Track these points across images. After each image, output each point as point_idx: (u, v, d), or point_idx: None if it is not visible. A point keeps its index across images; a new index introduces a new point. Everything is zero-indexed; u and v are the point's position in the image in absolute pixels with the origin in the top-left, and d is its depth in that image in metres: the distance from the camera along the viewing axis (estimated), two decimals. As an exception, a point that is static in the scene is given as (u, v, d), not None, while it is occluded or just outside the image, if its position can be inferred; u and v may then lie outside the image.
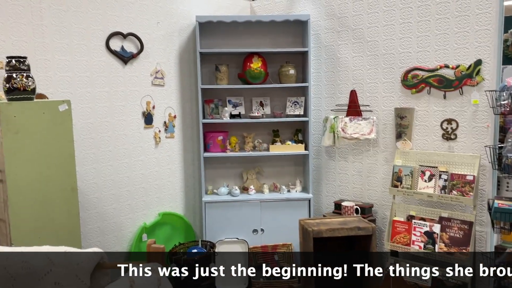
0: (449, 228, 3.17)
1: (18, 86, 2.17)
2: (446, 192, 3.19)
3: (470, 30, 3.14)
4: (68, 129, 2.29)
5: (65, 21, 3.16)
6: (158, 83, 3.75)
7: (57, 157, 2.26)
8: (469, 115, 3.21)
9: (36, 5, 2.99)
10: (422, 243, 3.24)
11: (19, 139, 2.09)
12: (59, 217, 2.27)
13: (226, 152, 4.00)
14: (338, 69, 3.88)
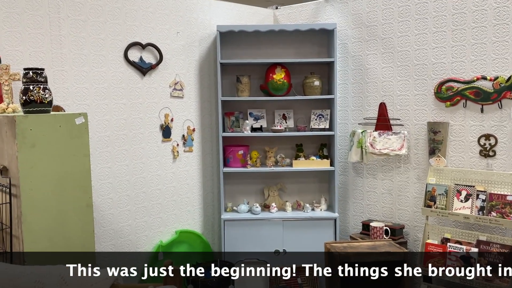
0: (487, 253, 3.10)
1: (35, 98, 2.20)
2: (485, 213, 3.13)
3: (510, 39, 3.10)
4: (84, 143, 2.31)
5: (83, 31, 3.22)
6: (177, 95, 3.78)
7: (73, 172, 2.27)
8: (509, 131, 3.15)
9: (54, 15, 3.06)
10: (458, 267, 3.17)
11: (35, 153, 2.12)
12: (74, 234, 2.28)
13: (247, 167, 3.99)
14: (366, 80, 3.86)
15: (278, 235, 3.90)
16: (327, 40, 3.97)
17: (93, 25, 3.27)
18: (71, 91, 3.11)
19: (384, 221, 3.69)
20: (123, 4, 3.44)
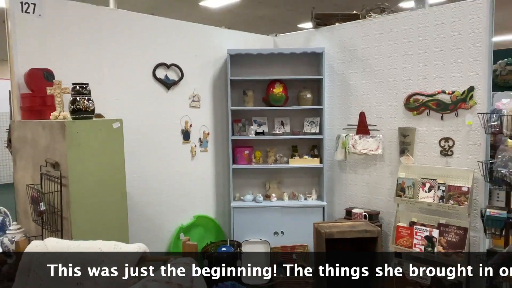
0: (446, 233, 3.12)
1: (81, 107, 2.25)
2: (444, 201, 3.14)
3: (464, 61, 3.13)
4: (120, 143, 2.35)
5: (120, 54, 3.29)
6: (194, 105, 3.83)
7: (110, 167, 2.31)
8: (464, 135, 3.17)
9: (97, 41, 3.14)
10: (423, 246, 3.19)
11: (80, 151, 2.16)
12: (111, 217, 2.32)
13: (252, 164, 4.02)
14: (349, 94, 3.88)
15: (277, 219, 3.93)
16: (317, 61, 4.00)
17: (128, 49, 3.34)
18: (110, 102, 3.16)
19: (363, 208, 3.71)
20: (152, 32, 3.50)
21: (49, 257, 1.54)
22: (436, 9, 3.28)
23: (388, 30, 3.54)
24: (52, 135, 2.23)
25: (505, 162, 2.72)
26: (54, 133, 2.22)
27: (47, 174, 2.25)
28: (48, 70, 2.79)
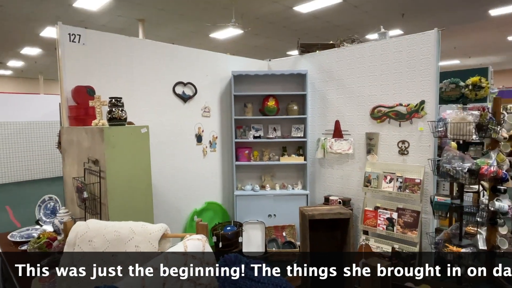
0: (403, 215, 3.14)
1: (116, 116, 2.24)
2: (401, 190, 3.17)
3: (417, 81, 3.15)
4: (146, 144, 2.34)
5: (147, 74, 3.29)
6: (206, 115, 3.82)
7: (139, 163, 2.31)
8: (417, 138, 3.19)
9: (128, 64, 3.14)
10: (385, 226, 3.21)
11: (115, 151, 2.16)
12: (139, 203, 2.31)
13: (251, 161, 4.03)
14: (327, 106, 3.88)
15: (270, 205, 3.93)
16: (302, 80, 4.00)
17: (153, 70, 3.35)
18: (139, 112, 3.16)
19: (338, 196, 3.71)
20: (172, 58, 3.51)
21: (91, 234, 1.53)
22: (395, 40, 3.30)
23: (357, 56, 3.56)
24: (93, 138, 2.23)
25: (449, 160, 2.73)
26: (94, 137, 2.21)
27: (89, 169, 2.25)
28: (90, 87, 2.79)
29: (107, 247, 1.49)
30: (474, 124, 2.68)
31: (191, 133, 3.71)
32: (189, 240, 1.39)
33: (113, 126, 2.21)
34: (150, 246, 1.50)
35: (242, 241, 3.70)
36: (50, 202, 2.80)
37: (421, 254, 3.01)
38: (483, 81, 3.46)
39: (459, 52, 12.28)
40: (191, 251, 1.34)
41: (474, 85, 3.44)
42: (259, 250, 3.71)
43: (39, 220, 2.70)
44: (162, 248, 1.53)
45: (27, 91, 15.05)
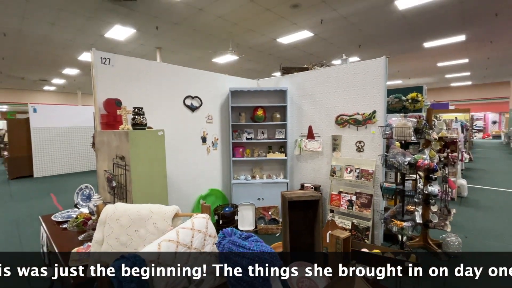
0: (360, 198, 3.16)
1: (138, 122, 2.21)
2: (358, 179, 3.19)
3: (370, 95, 3.18)
4: (162, 144, 2.31)
5: (163, 90, 3.24)
6: (209, 121, 3.79)
7: (157, 159, 2.28)
8: (370, 139, 3.21)
9: (148, 81, 3.08)
10: (346, 206, 3.22)
11: (138, 149, 2.12)
12: (157, 190, 2.28)
13: (244, 157, 4.00)
14: (302, 115, 3.89)
15: (259, 190, 3.91)
16: (283, 95, 4.00)
17: (168, 87, 3.29)
18: (157, 119, 3.11)
19: (311, 183, 3.72)
20: (183, 77, 3.46)
21: (118, 214, 1.50)
22: (354, 64, 3.33)
23: (325, 76, 3.58)
24: (120, 139, 2.19)
25: (394, 155, 2.77)
26: (121, 138, 2.17)
27: (117, 163, 2.20)
28: (118, 99, 2.74)
29: (131, 225, 1.46)
30: (413, 128, 2.73)
31: (198, 136, 3.67)
32: (195, 218, 1.38)
33: (136, 130, 2.18)
34: (165, 223, 1.48)
35: (238, 219, 3.68)
36: (86, 190, 2.73)
37: (373, 227, 3.04)
38: (419, 96, 3.51)
39: (401, 75, 12.50)
40: (197, 226, 1.33)
41: (412, 99, 3.49)
42: (251, 226, 3.70)
43: (77, 204, 2.64)
44: (175, 224, 1.50)
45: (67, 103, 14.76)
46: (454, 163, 4.76)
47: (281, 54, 8.21)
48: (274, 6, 5.05)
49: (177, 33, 6.36)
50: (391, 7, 5.12)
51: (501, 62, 10.17)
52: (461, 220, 3.87)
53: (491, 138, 18.11)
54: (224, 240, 1.02)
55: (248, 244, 0.96)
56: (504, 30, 6.59)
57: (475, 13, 5.52)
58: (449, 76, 13.18)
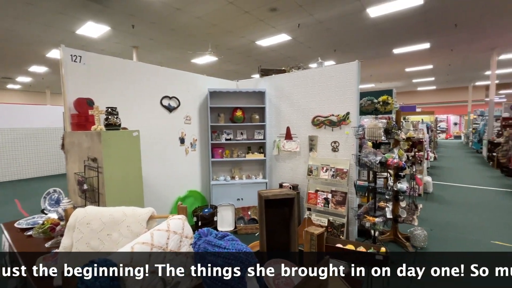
0: (335, 196, 3.24)
1: (112, 122, 2.12)
2: (334, 177, 3.27)
3: (344, 98, 3.27)
4: (137, 145, 2.23)
5: (139, 90, 3.12)
6: (187, 122, 3.71)
7: (131, 161, 2.19)
8: (344, 139, 3.31)
9: (124, 80, 2.96)
10: (322, 203, 3.29)
11: (112, 151, 2.04)
12: (132, 192, 2.19)
13: (223, 158, 3.97)
14: (280, 116, 3.93)
15: (239, 191, 3.90)
16: (262, 96, 4.02)
17: (144, 87, 3.19)
18: (132, 120, 3.01)
19: (289, 182, 3.77)
20: (161, 77, 3.37)
21: (89, 218, 1.42)
22: (329, 68, 3.42)
23: (302, 79, 3.64)
24: (92, 140, 2.08)
25: (366, 155, 2.87)
26: (93, 139, 2.07)
27: (89, 165, 2.09)
28: (90, 99, 2.60)
29: (103, 228, 1.39)
30: (383, 129, 2.86)
31: (176, 137, 3.59)
32: (171, 219, 1.34)
33: (109, 131, 2.08)
34: (140, 226, 1.42)
35: (217, 220, 3.64)
36: (55, 194, 2.56)
37: (348, 223, 3.14)
38: (390, 99, 3.68)
39: (374, 78, 13.09)
40: (173, 228, 1.29)
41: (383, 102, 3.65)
42: (230, 226, 3.67)
43: (44, 210, 2.46)
44: (150, 227, 1.45)
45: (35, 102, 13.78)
46: (421, 161, 5.06)
47: (260, 56, 8.26)
48: (253, 9, 5.08)
49: (155, 33, 6.18)
50: (364, 14, 5.36)
51: (461, 69, 11.00)
52: (427, 214, 4.12)
53: (453, 138, 19.52)
54: (200, 240, 1.00)
55: (224, 243, 0.95)
56: (463, 39, 7.14)
57: (437, 24, 5.93)
58: (416, 81, 14.02)
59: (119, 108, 2.27)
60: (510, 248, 2.98)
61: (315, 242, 1.22)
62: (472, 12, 5.38)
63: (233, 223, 3.69)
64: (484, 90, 15.48)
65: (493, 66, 8.51)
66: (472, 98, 15.64)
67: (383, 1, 4.84)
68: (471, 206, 4.52)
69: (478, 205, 4.58)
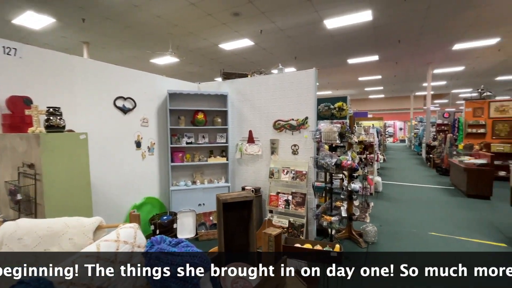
0: (295, 197, 3.33)
1: (54, 124, 1.91)
2: (294, 179, 3.36)
3: (303, 103, 3.41)
4: (85, 149, 2.04)
5: (89, 89, 2.88)
6: (144, 125, 3.51)
7: (78, 166, 2.00)
8: (303, 142, 3.44)
9: (69, 78, 2.70)
10: (283, 205, 3.37)
11: (53, 155, 1.83)
12: (78, 201, 1.99)
13: (184, 162, 3.83)
14: (243, 119, 3.94)
15: (200, 196, 3.79)
16: (224, 100, 3.99)
17: (95, 86, 2.94)
18: (80, 121, 2.75)
19: (251, 186, 3.78)
20: (115, 76, 3.14)
21: (20, 232, 1.24)
22: (289, 74, 3.54)
23: (263, 83, 3.71)
24: (29, 143, 1.84)
25: (323, 157, 3.01)
26: (30, 142, 1.83)
27: (24, 172, 1.84)
28: (27, 97, 2.31)
29: (39, 243, 1.23)
30: (338, 133, 3.04)
31: (131, 140, 3.36)
32: (121, 228, 1.24)
33: (50, 133, 1.87)
34: (85, 237, 1.29)
35: (177, 227, 3.48)
36: (-21, 207, 2.19)
37: (307, 223, 3.26)
38: (344, 106, 3.95)
39: (331, 86, 13.96)
40: (123, 238, 1.20)
41: (339, 108, 3.90)
42: (191, 233, 3.55)
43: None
44: (97, 238, 1.33)
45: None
46: (372, 163, 5.51)
47: (223, 59, 8.24)
48: (215, 12, 5.05)
49: (109, 29, 5.76)
50: (321, 25, 5.70)
51: (404, 80, 12.34)
52: (378, 211, 4.49)
53: (398, 142, 21.75)
54: (152, 249, 0.95)
55: (177, 250, 0.91)
56: (405, 54, 8.03)
57: (384, 39, 6.58)
58: (367, 89, 15.31)
59: (63, 108, 2.05)
60: (443, 238, 3.39)
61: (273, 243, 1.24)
62: (412, 31, 6.08)
63: (194, 229, 3.57)
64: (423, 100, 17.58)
65: (429, 78, 9.71)
66: (413, 106, 17.63)
67: (338, 15, 5.21)
68: (413, 202, 5.06)
69: (418, 201, 5.14)
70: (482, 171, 5.24)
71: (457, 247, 3.11)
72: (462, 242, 3.26)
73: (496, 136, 7.08)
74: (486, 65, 9.32)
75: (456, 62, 8.95)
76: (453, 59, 8.61)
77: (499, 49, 7.41)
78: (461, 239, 3.36)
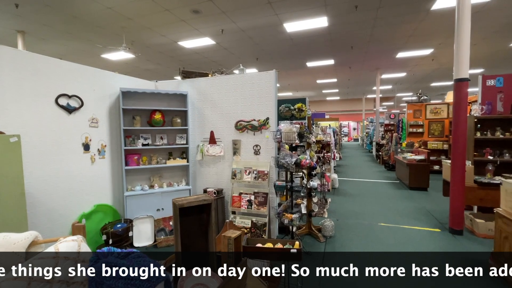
0: (257, 197, 3.36)
1: (-26, 125, 1.62)
2: (256, 179, 3.39)
3: (264, 104, 3.46)
4: (18, 154, 1.78)
5: (23, 86, 2.51)
6: (93, 125, 3.20)
7: (8, 173, 1.73)
8: (265, 143, 3.48)
9: None
10: (246, 205, 3.38)
11: (-27, 161, 1.55)
12: (8, 214, 1.72)
13: (140, 166, 3.59)
14: (204, 120, 3.85)
15: (159, 200, 3.60)
16: (184, 99, 3.84)
17: (31, 82, 2.59)
18: (13, 122, 2.40)
19: (214, 187, 3.70)
20: (55, 71, 2.80)
21: None
22: (250, 74, 3.56)
23: (224, 84, 3.67)
24: None
25: (283, 157, 3.09)
26: None
27: None
28: None
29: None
30: (297, 133, 3.15)
31: (78, 142, 3.04)
32: (62, 242, 1.10)
33: (-31, 135, 1.58)
34: (15, 256, 1.12)
35: (133, 235, 3.25)
36: None
37: (269, 222, 3.31)
38: (304, 107, 4.12)
39: (291, 87, 14.46)
40: (63, 253, 1.06)
41: (299, 109, 4.04)
42: (149, 240, 3.34)
43: None
44: (33, 255, 1.16)
45: None
46: (329, 161, 5.84)
47: (183, 58, 7.95)
48: (174, 8, 4.84)
49: (50, 18, 5.14)
50: (281, 28, 5.85)
51: (357, 83, 13.35)
52: (335, 206, 4.77)
53: (353, 141, 23.48)
54: (97, 264, 0.85)
55: (127, 263, 0.83)
56: (357, 59, 8.69)
57: (339, 44, 7.02)
58: (325, 91, 16.21)
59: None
60: (390, 227, 3.74)
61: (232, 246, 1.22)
62: (362, 38, 6.60)
63: (153, 236, 3.37)
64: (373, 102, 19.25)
65: (378, 82, 10.67)
66: (365, 108, 19.19)
67: (296, 19, 5.40)
68: (365, 196, 5.49)
69: (370, 195, 5.60)
70: (420, 166, 5.91)
71: (401, 236, 3.45)
72: (406, 230, 3.64)
73: (431, 134, 8.07)
74: (423, 72, 10.58)
75: (400, 68, 9.99)
76: (397, 66, 9.60)
77: (432, 58, 8.47)
78: (404, 227, 3.75)
